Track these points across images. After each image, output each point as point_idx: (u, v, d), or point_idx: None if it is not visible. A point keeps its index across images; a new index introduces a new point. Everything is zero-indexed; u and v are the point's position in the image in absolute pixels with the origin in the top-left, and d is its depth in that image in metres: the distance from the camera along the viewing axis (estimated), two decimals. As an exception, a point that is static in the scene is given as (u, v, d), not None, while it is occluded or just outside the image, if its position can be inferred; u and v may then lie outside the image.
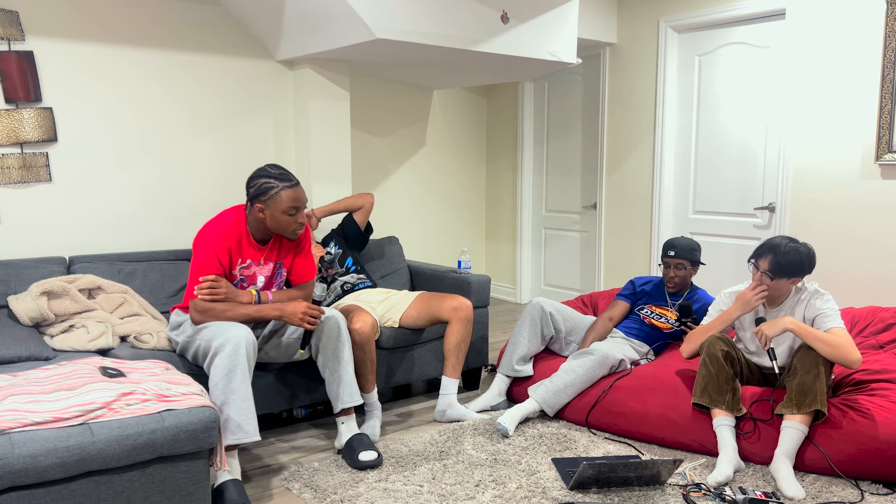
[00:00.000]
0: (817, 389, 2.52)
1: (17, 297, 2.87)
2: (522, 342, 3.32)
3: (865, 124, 3.77)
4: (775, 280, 2.68)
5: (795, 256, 2.65)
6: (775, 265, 2.67)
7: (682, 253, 3.29)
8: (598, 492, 2.49)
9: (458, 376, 3.21)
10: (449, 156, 5.61)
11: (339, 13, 3.29)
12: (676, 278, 3.30)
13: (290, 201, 2.65)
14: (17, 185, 3.26)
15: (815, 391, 2.53)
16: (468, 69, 4.27)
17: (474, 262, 6.00)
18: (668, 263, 3.31)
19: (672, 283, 3.32)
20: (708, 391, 2.71)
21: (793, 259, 2.65)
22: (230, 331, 2.47)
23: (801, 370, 2.57)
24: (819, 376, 2.53)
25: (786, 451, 2.52)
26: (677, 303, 3.31)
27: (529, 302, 3.31)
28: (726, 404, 2.68)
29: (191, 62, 3.71)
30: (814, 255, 2.69)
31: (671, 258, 3.30)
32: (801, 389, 2.55)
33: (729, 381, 2.70)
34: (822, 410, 2.53)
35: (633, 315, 3.43)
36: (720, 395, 2.69)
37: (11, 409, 1.98)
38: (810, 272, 2.71)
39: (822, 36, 3.91)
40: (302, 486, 2.56)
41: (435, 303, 3.25)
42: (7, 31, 3.17)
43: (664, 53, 4.66)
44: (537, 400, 3.09)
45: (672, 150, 4.76)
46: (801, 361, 2.58)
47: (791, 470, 2.49)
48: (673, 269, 3.30)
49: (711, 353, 2.72)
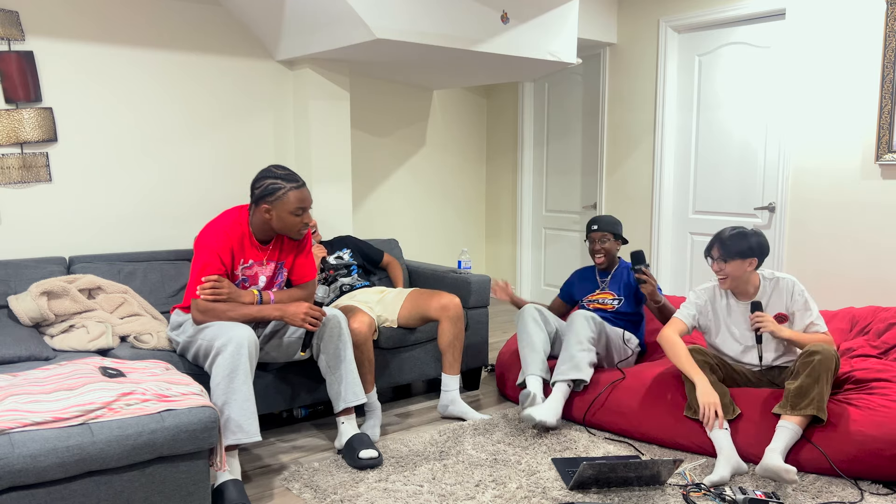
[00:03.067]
0: (815, 395, 2.53)
1: (17, 297, 2.87)
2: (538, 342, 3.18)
3: (865, 124, 3.77)
4: (729, 262, 2.74)
5: (740, 235, 2.75)
6: (723, 247, 2.75)
7: (604, 226, 3.37)
8: (598, 492, 2.49)
9: (457, 372, 3.22)
10: (449, 156, 5.61)
11: (339, 13, 3.29)
12: (602, 252, 3.38)
13: (297, 202, 2.66)
14: (17, 185, 3.26)
15: (812, 395, 2.53)
16: (468, 69, 4.27)
17: (474, 263, 6.00)
18: (594, 238, 3.40)
19: (600, 257, 3.39)
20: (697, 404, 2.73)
21: (738, 234, 2.75)
22: (232, 331, 2.47)
23: (803, 373, 2.57)
24: (819, 381, 2.53)
25: (778, 447, 2.52)
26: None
27: (519, 316, 3.28)
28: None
29: (191, 62, 3.71)
30: (761, 235, 2.77)
31: (595, 232, 3.39)
32: (798, 392, 2.55)
33: (714, 387, 2.70)
34: (820, 416, 2.54)
35: (582, 307, 3.49)
36: None
37: (11, 409, 1.98)
38: (763, 253, 2.76)
39: (822, 36, 3.91)
40: (302, 486, 2.56)
41: (423, 301, 3.25)
42: (7, 31, 3.17)
43: (664, 53, 4.66)
44: (563, 378, 3.02)
45: (672, 150, 4.77)
46: (804, 364, 2.59)
47: (781, 458, 2.47)
48: (598, 243, 3.39)
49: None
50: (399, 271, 3.77)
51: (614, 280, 3.43)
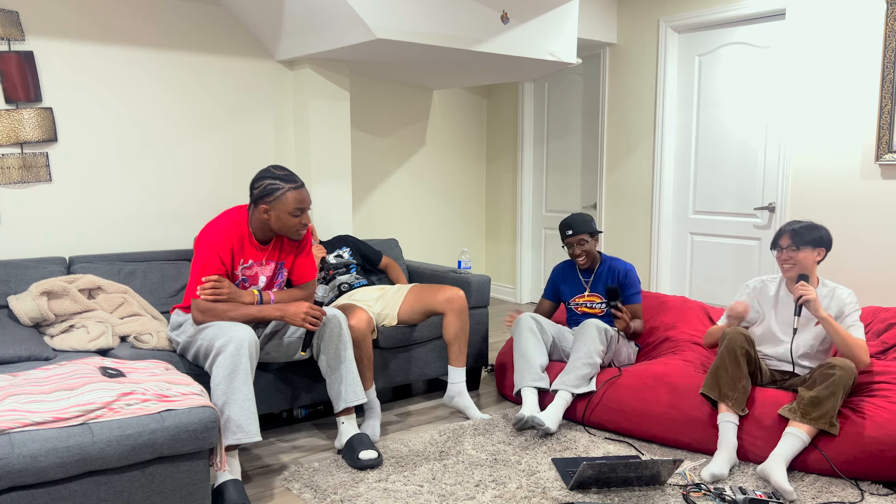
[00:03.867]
0: (829, 408, 2.52)
1: (17, 297, 2.87)
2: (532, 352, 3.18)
3: (865, 124, 3.77)
4: (800, 250, 2.75)
5: (812, 227, 2.78)
6: (795, 235, 2.77)
7: (578, 229, 3.30)
8: (598, 492, 2.49)
9: (462, 364, 3.23)
10: (449, 156, 5.61)
11: (339, 13, 3.29)
12: (583, 255, 3.32)
13: (295, 202, 2.66)
14: (17, 185, 3.26)
15: (826, 408, 2.52)
16: (468, 69, 4.27)
17: (474, 262, 6.00)
18: (570, 243, 3.32)
19: (581, 261, 3.33)
20: (719, 385, 2.71)
21: (809, 226, 2.78)
22: (232, 331, 2.47)
23: (820, 384, 2.56)
24: (835, 395, 2.53)
25: (783, 453, 2.51)
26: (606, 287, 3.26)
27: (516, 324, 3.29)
28: (734, 401, 2.68)
29: (191, 62, 3.71)
30: (829, 232, 2.82)
31: (571, 237, 3.31)
32: (812, 401, 2.54)
33: (741, 379, 2.70)
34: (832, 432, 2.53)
35: (569, 310, 3.48)
36: (731, 391, 2.69)
37: (11, 409, 1.98)
38: (830, 247, 2.79)
39: (822, 36, 3.91)
40: (302, 486, 2.56)
41: (428, 295, 3.26)
42: (7, 31, 3.17)
43: (664, 53, 4.66)
44: (570, 389, 3.02)
45: (672, 150, 4.76)
46: (824, 376, 2.58)
47: (784, 471, 2.47)
48: (577, 247, 3.32)
49: (731, 349, 2.72)
50: (399, 272, 3.77)
51: (598, 280, 3.38)
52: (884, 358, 2.98)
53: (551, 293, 3.56)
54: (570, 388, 3.02)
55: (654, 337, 3.51)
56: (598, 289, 3.38)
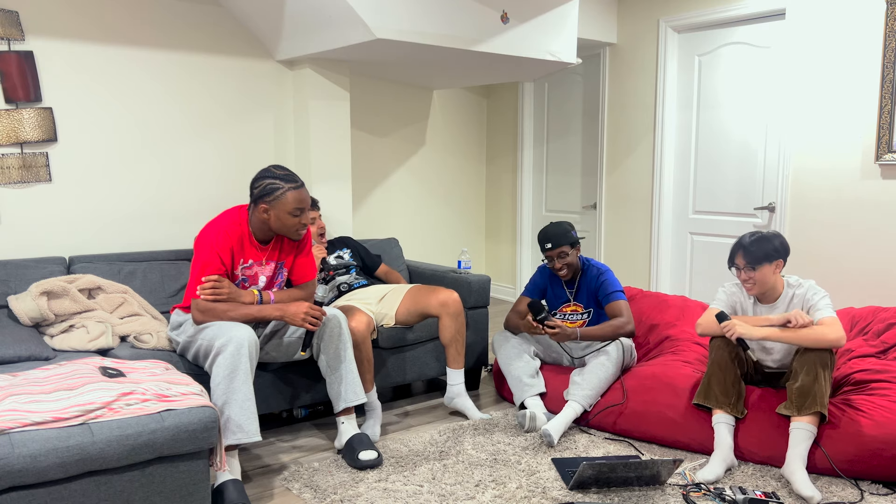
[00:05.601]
0: (817, 391, 2.53)
1: (17, 297, 2.87)
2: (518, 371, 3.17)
3: (865, 124, 3.77)
4: (757, 269, 2.69)
5: (762, 239, 2.71)
6: (748, 254, 2.70)
7: (557, 241, 3.19)
8: (598, 492, 2.49)
9: (461, 366, 3.23)
10: (449, 156, 5.61)
11: (338, 13, 3.29)
12: (565, 268, 3.23)
13: (295, 202, 2.66)
14: (17, 185, 3.26)
15: (814, 393, 2.53)
16: (468, 69, 4.27)
17: (474, 262, 6.00)
18: (551, 257, 3.22)
19: (563, 274, 3.24)
20: (713, 393, 2.71)
21: (760, 239, 2.70)
22: (232, 331, 2.47)
23: (801, 372, 2.57)
24: (818, 378, 2.54)
25: (798, 452, 2.51)
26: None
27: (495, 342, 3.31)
28: (731, 406, 2.69)
29: (191, 62, 3.71)
30: (780, 235, 2.74)
31: (551, 251, 3.20)
32: (801, 392, 2.55)
33: (735, 383, 2.70)
34: (823, 413, 2.53)
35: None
36: (725, 398, 2.69)
37: (11, 409, 1.98)
38: (786, 253, 2.72)
39: (822, 36, 3.91)
40: (302, 486, 2.56)
41: (423, 298, 3.26)
42: (7, 31, 3.17)
43: (664, 53, 4.66)
44: (581, 403, 2.99)
45: (672, 150, 4.76)
46: (801, 363, 2.59)
47: (805, 471, 2.47)
48: (557, 261, 3.22)
49: (720, 357, 2.73)
50: (398, 280, 3.71)
51: (582, 288, 3.32)
52: (884, 358, 2.98)
53: (537, 292, 3.42)
54: (583, 403, 3.00)
55: (654, 336, 3.51)
56: (581, 299, 3.32)
